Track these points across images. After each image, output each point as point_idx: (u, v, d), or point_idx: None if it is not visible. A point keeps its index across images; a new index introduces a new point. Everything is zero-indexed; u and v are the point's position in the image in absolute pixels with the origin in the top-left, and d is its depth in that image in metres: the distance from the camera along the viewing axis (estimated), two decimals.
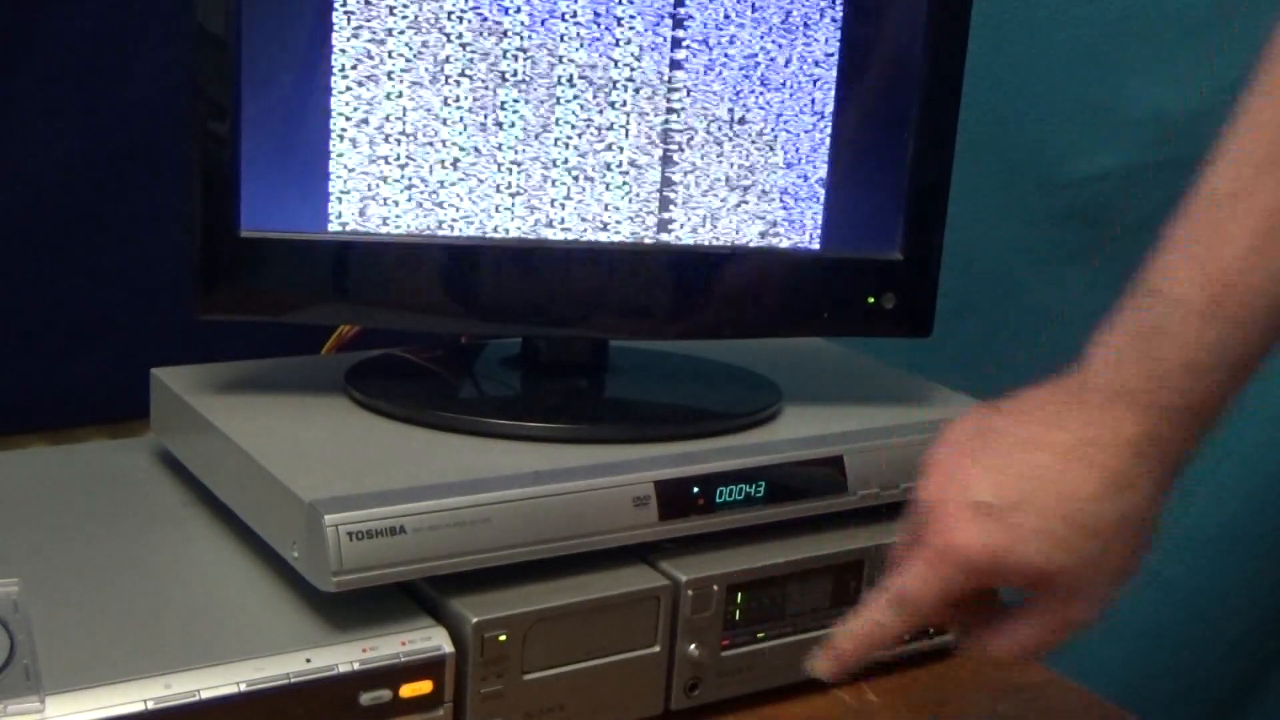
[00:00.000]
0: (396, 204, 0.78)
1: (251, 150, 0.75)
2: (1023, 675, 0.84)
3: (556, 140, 0.80)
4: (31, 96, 0.94)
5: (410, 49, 0.76)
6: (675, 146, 0.82)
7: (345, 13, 0.75)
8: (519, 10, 0.78)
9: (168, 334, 0.99)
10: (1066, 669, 0.86)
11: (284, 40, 0.75)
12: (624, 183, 0.82)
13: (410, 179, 0.78)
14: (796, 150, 0.84)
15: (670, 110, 0.81)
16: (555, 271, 0.82)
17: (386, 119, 0.77)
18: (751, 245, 0.85)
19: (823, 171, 0.85)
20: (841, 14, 0.83)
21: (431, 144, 0.78)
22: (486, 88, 0.78)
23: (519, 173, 0.80)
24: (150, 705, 0.60)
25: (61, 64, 0.94)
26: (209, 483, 0.80)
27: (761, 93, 0.83)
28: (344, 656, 0.65)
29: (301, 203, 0.77)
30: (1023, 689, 0.83)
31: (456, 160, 0.79)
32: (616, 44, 0.80)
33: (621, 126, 0.81)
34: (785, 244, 0.85)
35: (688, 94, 0.81)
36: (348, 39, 0.76)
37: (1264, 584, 1.22)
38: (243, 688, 0.62)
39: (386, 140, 0.77)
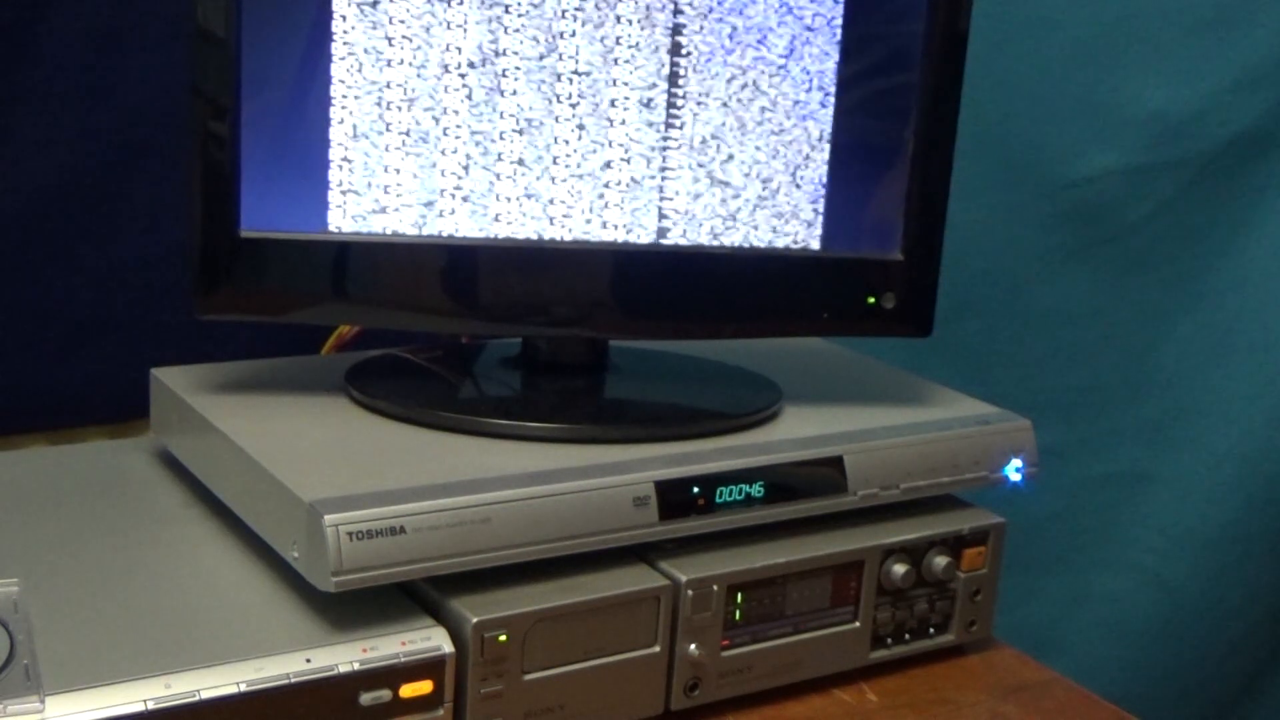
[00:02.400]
0: (396, 204, 0.78)
1: (251, 150, 0.75)
2: (1023, 675, 0.85)
3: (557, 139, 0.80)
4: (31, 96, 0.94)
5: (410, 48, 0.76)
6: (675, 146, 0.82)
7: (345, 13, 0.75)
8: (519, 10, 0.78)
9: (168, 334, 0.99)
10: (1066, 669, 0.86)
11: (284, 40, 0.75)
12: (624, 182, 0.82)
13: (410, 179, 0.78)
14: (796, 150, 0.84)
15: (670, 109, 0.81)
16: (555, 271, 0.82)
17: (386, 119, 0.77)
18: (751, 245, 0.85)
19: (823, 171, 0.85)
20: (842, 14, 0.83)
21: (431, 143, 0.78)
22: (486, 87, 0.78)
23: (519, 172, 0.80)
24: (150, 705, 0.60)
25: (61, 64, 0.94)
26: (209, 483, 0.80)
27: (761, 92, 0.83)
28: (344, 656, 0.65)
29: (301, 203, 0.77)
30: (1023, 689, 0.83)
31: (456, 160, 0.79)
32: (617, 42, 0.80)
33: (621, 125, 0.81)
34: (785, 244, 0.85)
35: (687, 93, 0.81)
36: (347, 39, 0.76)
37: (1264, 584, 1.22)
38: (243, 688, 0.62)
39: (386, 140, 0.77)
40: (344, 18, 0.75)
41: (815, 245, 0.86)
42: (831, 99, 0.84)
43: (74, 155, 0.96)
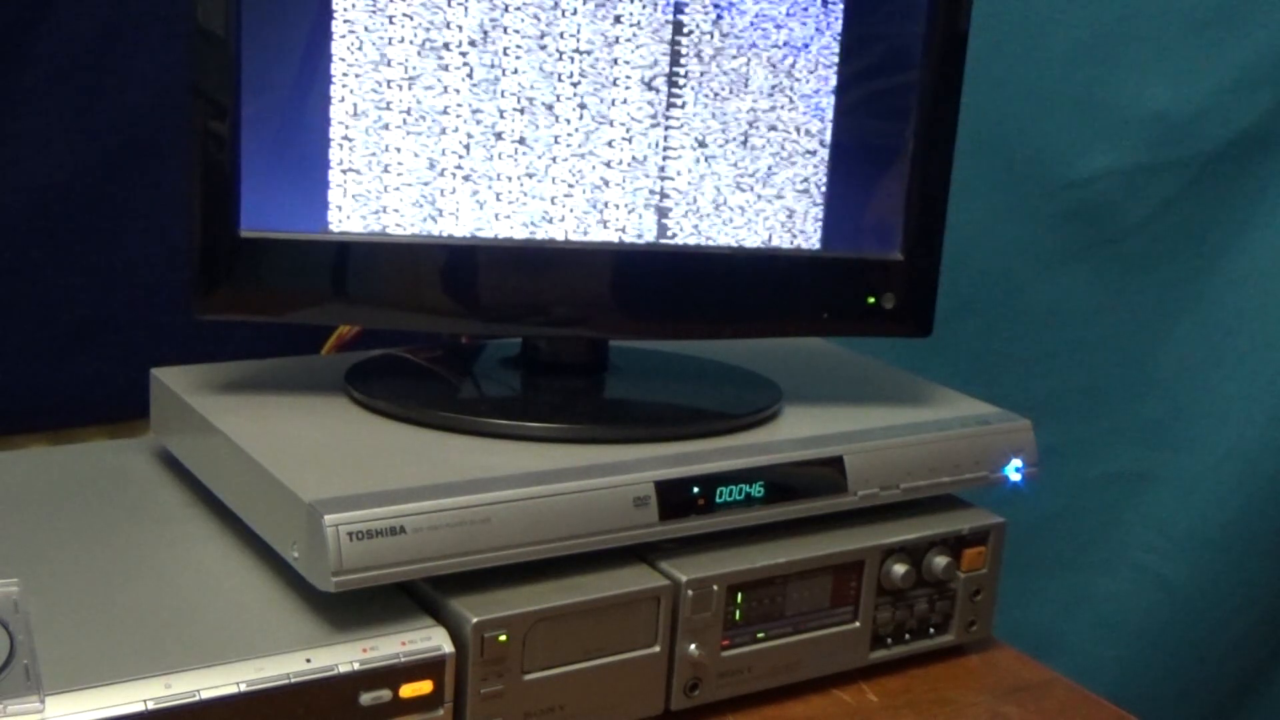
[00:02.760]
0: (397, 204, 0.78)
1: (251, 150, 0.75)
2: (1023, 675, 0.85)
3: (557, 138, 0.80)
4: (31, 96, 0.94)
5: (410, 48, 0.76)
6: (675, 146, 0.82)
7: (345, 13, 0.75)
8: (519, 9, 0.78)
9: (168, 334, 0.99)
10: (1066, 669, 0.86)
11: (284, 40, 0.75)
12: (624, 182, 0.82)
13: (410, 179, 0.78)
14: (796, 150, 0.84)
15: (670, 109, 0.81)
16: (555, 271, 0.82)
17: (386, 120, 0.77)
18: (751, 245, 0.85)
19: (823, 171, 0.85)
20: (842, 13, 0.83)
21: (431, 143, 0.78)
22: (486, 87, 0.78)
23: (519, 172, 0.80)
24: (150, 705, 0.60)
25: (61, 64, 0.94)
26: (209, 483, 0.80)
27: (761, 92, 0.83)
28: (344, 656, 0.65)
29: (301, 203, 0.77)
30: (1023, 689, 0.83)
31: (456, 160, 0.79)
32: (617, 41, 0.80)
33: (621, 124, 0.81)
34: (785, 244, 0.85)
35: (688, 93, 0.81)
36: (347, 39, 0.76)
37: (1264, 584, 1.22)
38: (243, 688, 0.62)
39: (386, 140, 0.77)
40: (343, 16, 0.75)
41: (815, 245, 0.86)
42: (831, 99, 0.84)
43: (74, 155, 0.96)
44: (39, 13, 0.93)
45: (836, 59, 0.83)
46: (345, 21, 0.75)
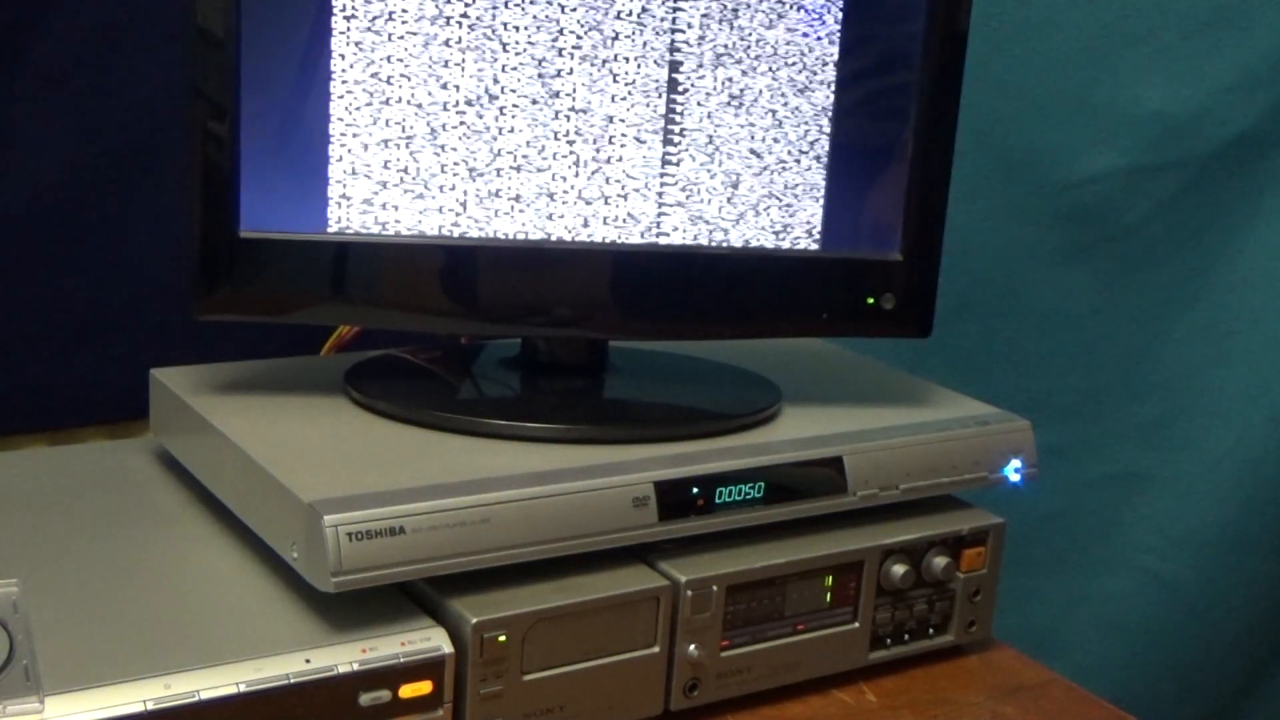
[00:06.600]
0: (396, 204, 0.78)
1: (251, 151, 0.75)
2: (1023, 675, 0.85)
3: (556, 136, 0.80)
4: (31, 96, 0.94)
5: (409, 49, 0.77)
6: (675, 145, 0.82)
7: (344, 13, 0.75)
8: (518, 6, 0.78)
9: (168, 334, 0.99)
10: (1066, 669, 0.86)
11: (284, 41, 0.75)
12: (623, 182, 0.82)
13: (410, 179, 0.78)
14: (796, 150, 0.84)
15: (670, 109, 0.81)
16: (555, 271, 0.82)
17: (386, 119, 0.77)
18: (751, 245, 0.85)
19: (823, 171, 0.85)
20: (842, 13, 0.83)
21: (431, 144, 0.78)
22: (485, 87, 0.78)
23: (518, 172, 0.80)
24: (150, 705, 0.60)
25: (61, 64, 0.94)
26: (209, 483, 0.80)
27: (761, 92, 0.83)
28: (344, 657, 0.65)
29: (301, 203, 0.77)
30: (1023, 689, 0.83)
31: (456, 160, 0.79)
32: (616, 38, 0.80)
33: (621, 121, 0.81)
34: (785, 244, 0.85)
35: (687, 93, 0.81)
36: (347, 39, 0.76)
37: (1264, 584, 1.22)
38: (242, 688, 0.62)
39: (386, 140, 0.77)
40: (343, 16, 0.75)
41: (815, 245, 0.86)
42: (831, 99, 0.84)
43: (75, 155, 0.96)
44: (39, 13, 0.93)
45: (836, 59, 0.83)
46: (344, 20, 0.75)
